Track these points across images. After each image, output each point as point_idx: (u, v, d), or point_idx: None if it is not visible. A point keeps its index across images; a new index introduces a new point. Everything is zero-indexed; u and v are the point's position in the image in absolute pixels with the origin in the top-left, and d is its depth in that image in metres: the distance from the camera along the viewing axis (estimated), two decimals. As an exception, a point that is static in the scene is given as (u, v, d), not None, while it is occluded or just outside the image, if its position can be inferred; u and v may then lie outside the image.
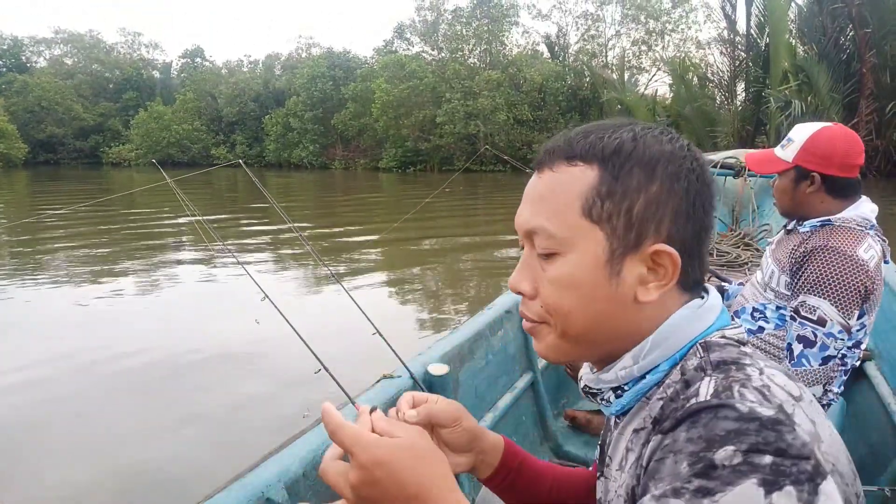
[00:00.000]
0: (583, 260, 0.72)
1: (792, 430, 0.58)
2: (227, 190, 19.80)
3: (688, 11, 31.93)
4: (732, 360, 0.67)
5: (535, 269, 0.76)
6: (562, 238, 0.73)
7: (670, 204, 0.71)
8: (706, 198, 0.74)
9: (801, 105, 18.86)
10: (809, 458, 0.57)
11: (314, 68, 35.94)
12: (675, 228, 0.71)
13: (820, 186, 1.85)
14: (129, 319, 6.43)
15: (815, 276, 1.75)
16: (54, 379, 4.83)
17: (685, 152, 0.73)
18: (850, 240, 1.77)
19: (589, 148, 0.73)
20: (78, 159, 45.43)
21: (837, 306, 1.71)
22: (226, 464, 3.44)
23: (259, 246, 10.96)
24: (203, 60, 49.32)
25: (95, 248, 10.86)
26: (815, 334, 1.73)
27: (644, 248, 0.71)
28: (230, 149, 40.52)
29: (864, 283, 1.71)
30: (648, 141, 0.72)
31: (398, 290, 7.74)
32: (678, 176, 0.71)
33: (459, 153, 29.75)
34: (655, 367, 0.73)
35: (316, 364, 1.82)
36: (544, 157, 0.76)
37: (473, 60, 32.02)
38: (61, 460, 3.67)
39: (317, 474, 1.58)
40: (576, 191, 0.72)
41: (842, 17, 19.70)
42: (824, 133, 1.84)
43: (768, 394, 0.61)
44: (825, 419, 0.64)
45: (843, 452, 0.64)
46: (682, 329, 0.72)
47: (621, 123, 0.75)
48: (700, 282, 0.76)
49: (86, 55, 49.65)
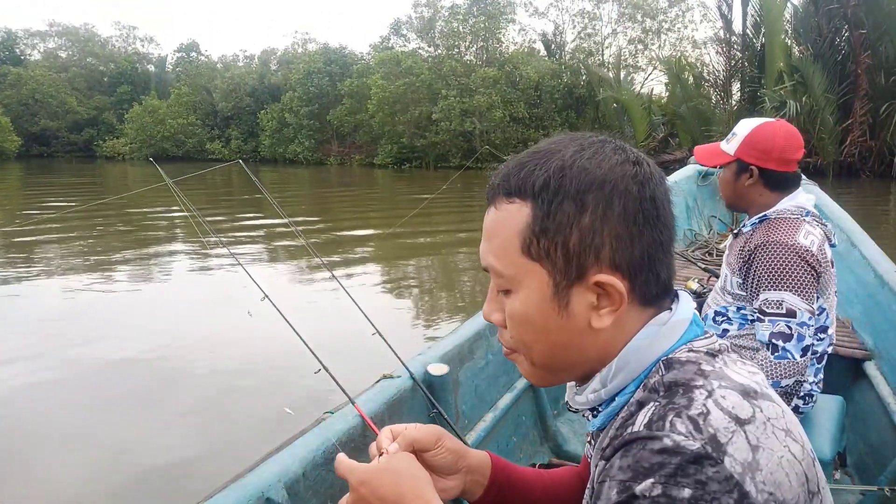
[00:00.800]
0: (530, 296, 0.73)
1: (716, 463, 0.59)
2: (222, 185, 19.68)
3: (684, 11, 32.00)
4: (683, 382, 0.67)
5: (501, 302, 0.77)
6: (509, 276, 0.74)
7: (606, 231, 0.70)
8: (652, 211, 0.72)
9: (795, 105, 18.91)
10: (732, 491, 0.58)
11: (310, 64, 35.82)
12: (618, 253, 0.71)
13: (758, 179, 1.93)
14: (128, 316, 6.41)
15: (765, 272, 1.80)
16: (44, 374, 4.81)
17: (623, 171, 0.71)
18: (788, 230, 1.83)
19: (521, 184, 0.72)
20: (72, 152, 45.18)
21: (800, 295, 1.76)
22: (221, 461, 3.43)
23: (255, 241, 10.94)
24: (198, 55, 49.07)
25: (89, 245, 10.82)
26: (789, 327, 1.77)
27: (588, 277, 0.71)
28: (225, 144, 40.35)
29: (812, 266, 1.77)
30: (577, 170, 0.71)
31: (395, 286, 7.74)
32: (611, 201, 0.70)
33: (455, 150, 29.73)
34: (624, 389, 0.73)
35: (315, 364, 1.82)
36: (489, 193, 0.77)
37: (470, 57, 31.98)
38: (52, 456, 3.65)
39: (316, 474, 1.59)
40: (514, 229, 0.73)
41: (837, 17, 19.77)
42: (765, 128, 1.91)
43: (702, 423, 0.61)
44: (786, 438, 0.64)
45: (795, 475, 0.63)
46: (646, 349, 0.72)
47: (556, 148, 0.73)
48: (665, 292, 0.75)
49: (80, 48, 49.36)
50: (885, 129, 19.33)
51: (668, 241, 0.74)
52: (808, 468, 0.65)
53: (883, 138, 19.48)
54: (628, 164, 0.72)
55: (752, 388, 0.67)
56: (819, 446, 1.93)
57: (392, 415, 1.89)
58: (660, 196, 0.73)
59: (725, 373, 0.68)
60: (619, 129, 25.90)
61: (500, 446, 2.40)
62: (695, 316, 0.76)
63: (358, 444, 1.72)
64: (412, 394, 1.98)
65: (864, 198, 15.07)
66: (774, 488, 0.61)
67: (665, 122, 26.49)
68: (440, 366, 2.08)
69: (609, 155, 0.72)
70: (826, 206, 4.02)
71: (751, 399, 0.65)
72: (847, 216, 3.77)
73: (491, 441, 2.33)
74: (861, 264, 3.13)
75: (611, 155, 0.72)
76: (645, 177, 0.72)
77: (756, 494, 0.59)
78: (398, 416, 1.92)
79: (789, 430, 0.65)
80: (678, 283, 3.84)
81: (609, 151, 0.73)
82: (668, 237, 0.74)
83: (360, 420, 1.74)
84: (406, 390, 1.97)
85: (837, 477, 2.31)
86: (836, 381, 2.81)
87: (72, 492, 3.33)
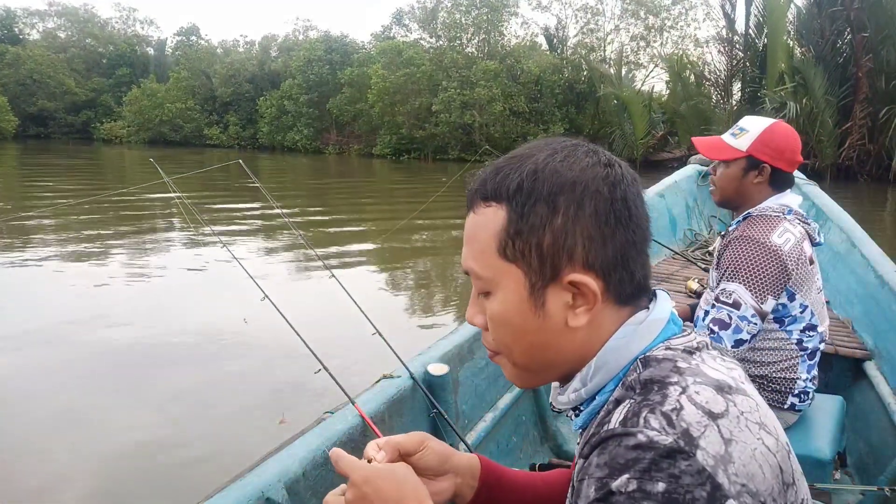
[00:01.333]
0: (508, 297, 0.76)
1: (688, 456, 0.61)
2: (220, 178, 19.51)
3: (687, 9, 31.91)
4: (659, 379, 0.69)
5: (483, 304, 0.80)
6: (487, 278, 0.77)
7: (579, 231, 0.73)
8: (624, 212, 0.74)
9: (795, 107, 18.93)
10: (705, 483, 0.60)
11: (311, 51, 35.62)
12: (591, 252, 0.73)
13: (767, 177, 1.94)
14: (125, 310, 6.38)
15: (730, 264, 1.86)
16: (34, 357, 4.80)
17: (594, 173, 0.74)
18: (765, 227, 1.87)
19: (497, 187, 0.75)
20: (69, 134, 44.90)
21: (751, 290, 1.81)
22: (217, 460, 3.43)
23: (252, 233, 10.90)
24: (198, 39, 48.77)
25: (86, 235, 10.77)
26: (730, 317, 1.82)
27: (562, 277, 0.73)
28: (223, 129, 40.14)
29: (776, 266, 1.81)
30: (549, 172, 0.73)
31: (394, 285, 7.73)
32: (582, 202, 0.73)
33: (454, 143, 29.65)
34: (604, 388, 0.75)
35: (315, 363, 1.82)
36: (468, 198, 0.79)
37: (471, 50, 31.86)
38: (41, 442, 3.64)
39: (316, 474, 1.58)
40: (491, 232, 0.75)
41: (840, 20, 19.74)
42: (780, 127, 1.94)
43: (675, 418, 0.63)
44: (760, 431, 0.66)
45: (769, 467, 0.65)
46: (623, 348, 0.75)
47: (531, 153, 0.77)
48: (641, 291, 0.77)
49: (79, 29, 49.00)
50: (884, 133, 19.35)
51: (642, 240, 0.77)
52: (782, 460, 0.67)
53: (882, 142, 19.51)
54: (599, 166, 0.74)
55: (727, 384, 0.69)
56: (819, 446, 1.94)
57: (392, 415, 1.89)
58: (631, 197, 0.75)
59: (701, 369, 0.70)
60: (618, 125, 25.91)
61: (500, 446, 2.40)
62: (672, 314, 0.78)
63: (358, 444, 1.71)
64: (412, 394, 1.98)
65: (861, 201, 15.10)
66: (747, 480, 0.62)
67: (665, 120, 26.46)
68: (440, 366, 2.07)
69: (581, 158, 0.75)
70: (826, 206, 4.02)
71: (725, 394, 0.67)
72: (847, 216, 3.78)
73: (491, 441, 2.33)
74: (861, 264, 3.14)
75: (582, 158, 0.75)
76: (616, 178, 0.74)
77: (729, 486, 0.61)
78: (398, 415, 1.92)
79: (763, 423, 0.67)
80: (678, 283, 3.87)
81: (581, 154, 0.75)
82: (640, 237, 0.76)
83: (360, 420, 1.74)
84: (406, 390, 1.96)
85: (837, 477, 2.31)
86: (836, 381, 2.82)
87: (56, 474, 3.32)
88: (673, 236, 4.73)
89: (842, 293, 3.31)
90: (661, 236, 4.43)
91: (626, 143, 25.51)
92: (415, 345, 2.24)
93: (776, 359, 1.95)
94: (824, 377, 2.83)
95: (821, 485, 1.87)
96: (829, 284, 3.50)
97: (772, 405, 1.95)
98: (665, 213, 4.76)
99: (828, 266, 3.58)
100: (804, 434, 1.97)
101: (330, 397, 2.06)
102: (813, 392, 2.00)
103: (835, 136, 19.64)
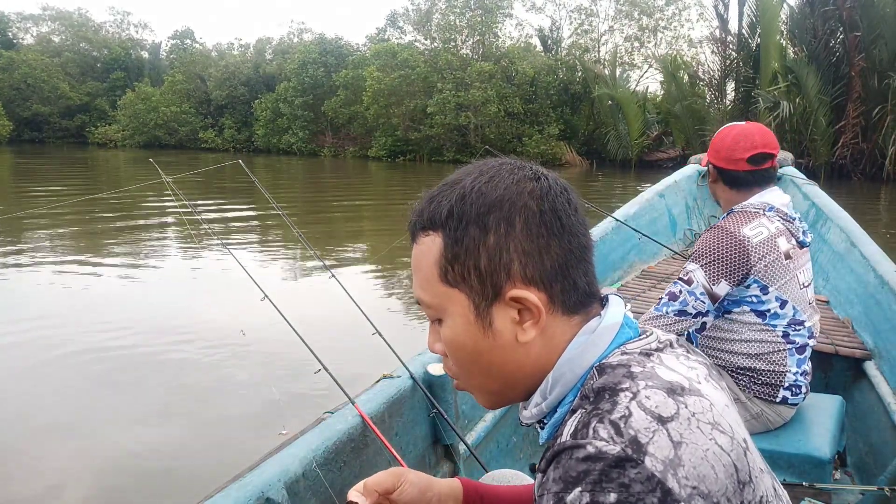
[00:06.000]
0: (457, 322, 0.77)
1: (637, 464, 0.61)
2: (218, 180, 19.50)
3: (681, 9, 31.93)
4: (611, 386, 0.69)
5: (439, 332, 0.81)
6: (436, 306, 0.78)
7: (512, 247, 0.74)
8: (555, 223, 0.75)
9: (789, 106, 18.99)
10: (655, 489, 0.60)
11: (306, 54, 35.57)
12: (528, 267, 0.74)
13: (717, 178, 2.13)
14: (123, 310, 6.36)
15: (697, 247, 2.01)
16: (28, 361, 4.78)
17: (519, 188, 0.75)
18: (739, 220, 2.00)
19: (431, 216, 0.77)
20: (64, 138, 44.72)
21: (706, 271, 1.94)
22: (216, 460, 3.42)
23: (251, 237, 10.88)
24: (193, 42, 48.62)
25: (85, 235, 10.74)
26: (680, 291, 1.97)
27: (504, 294, 0.74)
28: (218, 133, 40.02)
29: (736, 253, 1.93)
30: (476, 194, 0.75)
31: (392, 281, 7.72)
32: (511, 219, 0.74)
33: (449, 144, 29.65)
34: (564, 399, 0.76)
35: (315, 363, 1.81)
36: (409, 230, 0.81)
37: (466, 51, 31.85)
38: (35, 449, 3.62)
39: (316, 474, 1.58)
40: (432, 260, 0.77)
41: (833, 19, 19.80)
42: (722, 131, 2.13)
43: (623, 426, 0.63)
44: (713, 431, 0.66)
45: (722, 466, 0.65)
46: (578, 358, 0.75)
47: (459, 178, 0.78)
48: (588, 298, 0.78)
49: (73, 33, 48.81)
50: (877, 131, 19.41)
51: (580, 248, 0.77)
52: (737, 459, 0.67)
53: (875, 141, 19.57)
54: (525, 181, 0.76)
55: (680, 385, 0.68)
56: (819, 446, 1.94)
57: (392, 415, 1.89)
58: (561, 206, 0.76)
59: (655, 372, 0.70)
60: (613, 126, 25.95)
61: (500, 446, 2.40)
62: (626, 318, 0.78)
63: (358, 443, 1.71)
64: (412, 394, 1.98)
65: (854, 200, 15.13)
66: (698, 482, 0.63)
67: (659, 121, 26.53)
68: (440, 366, 2.07)
69: (505, 176, 0.76)
70: (826, 206, 4.01)
71: (676, 396, 0.67)
72: (847, 216, 3.77)
73: (491, 441, 2.33)
74: (861, 264, 3.14)
75: (507, 176, 0.76)
76: (543, 191, 0.76)
77: (679, 490, 0.61)
78: (398, 415, 1.92)
79: (717, 422, 0.67)
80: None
81: (505, 173, 0.77)
82: (578, 245, 0.77)
83: (360, 420, 1.74)
84: (406, 390, 1.96)
85: (837, 477, 2.32)
86: (836, 380, 2.82)
87: (53, 479, 3.30)
88: (673, 236, 4.74)
89: (842, 293, 3.31)
90: (661, 236, 4.43)
91: (621, 143, 25.58)
92: (414, 345, 2.24)
93: (762, 350, 2.00)
94: (824, 377, 2.83)
95: (821, 484, 1.87)
96: (829, 284, 3.51)
97: (764, 399, 1.98)
98: (665, 212, 4.77)
99: (828, 266, 3.58)
100: (804, 434, 1.98)
101: (330, 397, 2.05)
102: (806, 386, 2.02)
103: (828, 136, 19.69)
